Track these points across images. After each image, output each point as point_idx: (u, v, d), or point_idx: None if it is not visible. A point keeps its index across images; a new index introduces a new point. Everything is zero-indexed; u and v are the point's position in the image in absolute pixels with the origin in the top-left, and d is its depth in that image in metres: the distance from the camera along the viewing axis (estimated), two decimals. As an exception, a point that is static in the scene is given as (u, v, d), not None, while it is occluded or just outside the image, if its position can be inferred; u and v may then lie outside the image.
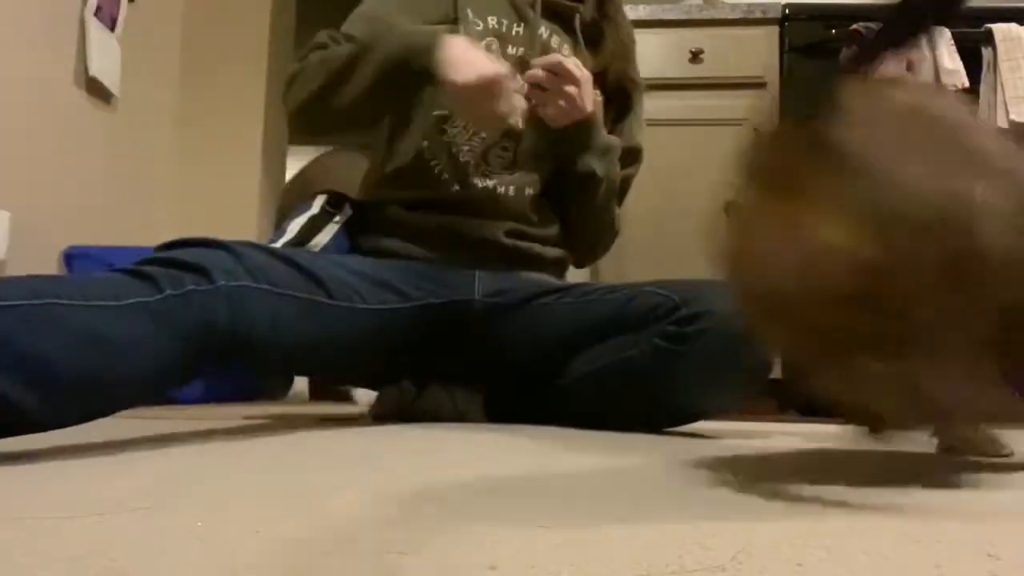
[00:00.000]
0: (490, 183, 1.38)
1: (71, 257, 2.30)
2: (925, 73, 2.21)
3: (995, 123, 2.17)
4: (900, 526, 0.54)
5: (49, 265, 2.25)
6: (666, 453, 0.95)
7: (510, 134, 1.38)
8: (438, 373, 1.37)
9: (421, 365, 1.35)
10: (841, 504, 0.62)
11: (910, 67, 2.22)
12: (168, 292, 0.93)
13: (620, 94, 1.52)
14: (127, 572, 0.39)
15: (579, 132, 1.37)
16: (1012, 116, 2.15)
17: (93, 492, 0.63)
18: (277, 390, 2.45)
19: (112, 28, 2.45)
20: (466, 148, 1.38)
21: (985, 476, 0.83)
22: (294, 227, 1.36)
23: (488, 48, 1.38)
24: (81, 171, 2.37)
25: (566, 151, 1.39)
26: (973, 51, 2.22)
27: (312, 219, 1.37)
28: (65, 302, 0.83)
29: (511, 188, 1.40)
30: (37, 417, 0.81)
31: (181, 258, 0.99)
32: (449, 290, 1.32)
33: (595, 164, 1.39)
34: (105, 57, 2.41)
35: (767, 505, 0.61)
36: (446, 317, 1.30)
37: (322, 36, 1.37)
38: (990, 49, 2.23)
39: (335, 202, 1.41)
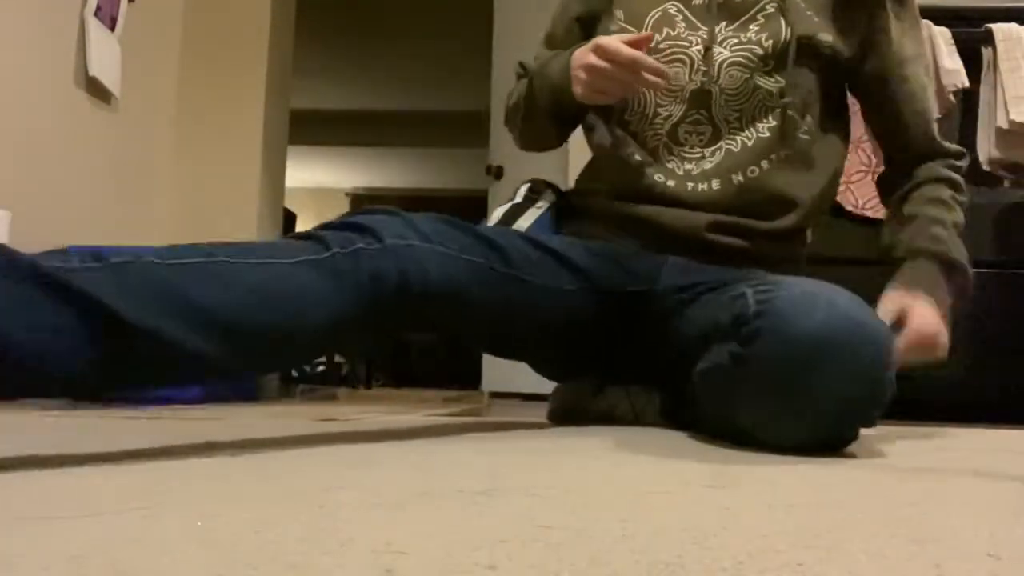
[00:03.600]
0: (688, 166, 1.26)
1: (71, 257, 2.30)
2: (925, 73, 2.21)
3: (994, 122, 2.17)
4: (900, 526, 0.54)
5: (49, 265, 2.25)
6: (667, 453, 0.95)
7: (700, 103, 1.25)
8: (617, 370, 1.31)
9: (599, 357, 1.30)
10: (841, 504, 0.62)
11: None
12: (336, 250, 0.95)
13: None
14: (127, 572, 0.39)
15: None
16: (1012, 116, 2.15)
17: (93, 492, 0.63)
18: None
19: (112, 28, 2.45)
20: (650, 133, 1.29)
21: (985, 476, 0.83)
22: (497, 214, 1.35)
23: (667, 13, 1.28)
24: (81, 171, 2.37)
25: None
26: (973, 51, 2.22)
27: (514, 206, 1.35)
28: (236, 260, 0.88)
29: (712, 173, 1.26)
30: (213, 364, 0.87)
31: (354, 221, 1.01)
32: (632, 276, 1.24)
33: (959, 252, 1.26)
34: (105, 57, 2.41)
35: (767, 505, 0.61)
36: (623, 305, 1.24)
37: (517, 67, 1.47)
38: (990, 49, 2.23)
39: (538, 189, 1.39)
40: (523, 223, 1.32)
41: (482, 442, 1.08)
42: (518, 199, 1.37)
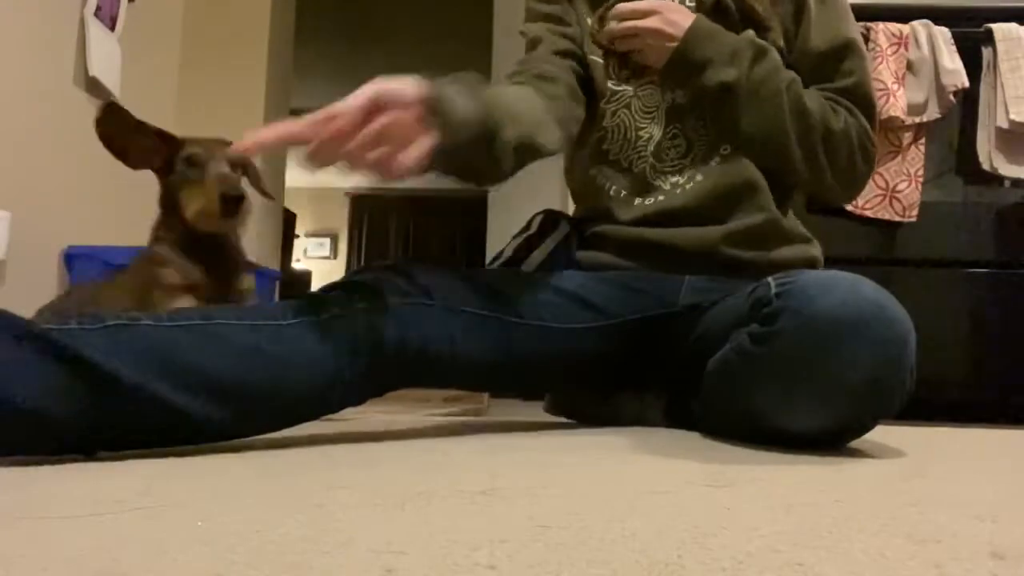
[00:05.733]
0: (674, 179, 1.25)
1: (71, 257, 2.30)
2: (925, 73, 2.21)
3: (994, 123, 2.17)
4: (900, 526, 0.54)
5: (49, 265, 2.25)
6: (667, 453, 0.95)
7: (675, 118, 1.26)
8: (628, 377, 1.30)
9: (614, 375, 1.29)
10: (841, 504, 0.62)
11: (910, 67, 2.22)
12: (335, 311, 0.96)
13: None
14: (127, 572, 0.39)
15: (683, 55, 1.19)
16: (1012, 116, 2.15)
17: (93, 492, 0.63)
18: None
19: (112, 28, 2.45)
20: (635, 156, 1.28)
21: (986, 476, 0.83)
22: (509, 249, 1.34)
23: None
24: (81, 171, 2.37)
25: (690, 82, 1.22)
26: (973, 51, 2.22)
27: (527, 239, 1.34)
28: (233, 322, 0.89)
29: (698, 178, 1.25)
30: (207, 426, 0.87)
31: (357, 280, 1.02)
32: (651, 302, 1.23)
33: (722, 73, 1.18)
34: (105, 57, 2.41)
35: (767, 505, 0.61)
36: (643, 330, 1.23)
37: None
38: (990, 49, 2.23)
39: (551, 221, 1.37)
40: (538, 256, 1.31)
41: (482, 442, 1.08)
42: (532, 230, 1.36)
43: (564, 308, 1.16)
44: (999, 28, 2.24)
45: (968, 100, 2.23)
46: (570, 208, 1.45)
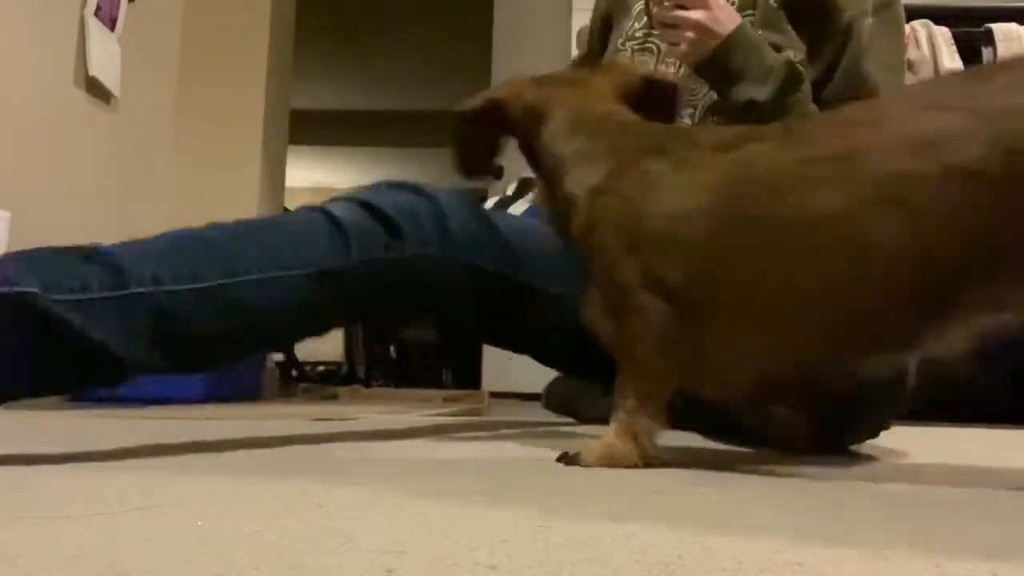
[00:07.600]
0: None
1: (71, 257, 2.30)
2: (925, 73, 2.21)
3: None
4: (900, 526, 0.54)
5: (49, 265, 2.25)
6: (668, 453, 0.95)
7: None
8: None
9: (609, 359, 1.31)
10: (841, 504, 0.63)
11: (910, 67, 2.22)
12: (355, 257, 0.95)
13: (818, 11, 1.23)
14: (127, 572, 0.39)
15: (720, 59, 1.17)
16: (1012, 116, 2.15)
17: (93, 492, 0.63)
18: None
19: (112, 28, 2.45)
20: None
21: (985, 476, 0.83)
22: (487, 206, 1.37)
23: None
24: (81, 171, 2.37)
25: (719, 88, 1.21)
26: (973, 51, 2.22)
27: (504, 198, 1.38)
28: (255, 276, 0.88)
29: None
30: (160, 369, 0.86)
31: (385, 210, 1.00)
32: None
33: (752, 91, 1.17)
34: (105, 57, 2.41)
35: (767, 505, 0.61)
36: None
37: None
38: (990, 49, 2.23)
39: (524, 185, 1.41)
40: (513, 212, 1.35)
41: (482, 442, 1.08)
42: (507, 193, 1.41)
43: (563, 271, 1.14)
44: (999, 28, 2.24)
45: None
46: None
